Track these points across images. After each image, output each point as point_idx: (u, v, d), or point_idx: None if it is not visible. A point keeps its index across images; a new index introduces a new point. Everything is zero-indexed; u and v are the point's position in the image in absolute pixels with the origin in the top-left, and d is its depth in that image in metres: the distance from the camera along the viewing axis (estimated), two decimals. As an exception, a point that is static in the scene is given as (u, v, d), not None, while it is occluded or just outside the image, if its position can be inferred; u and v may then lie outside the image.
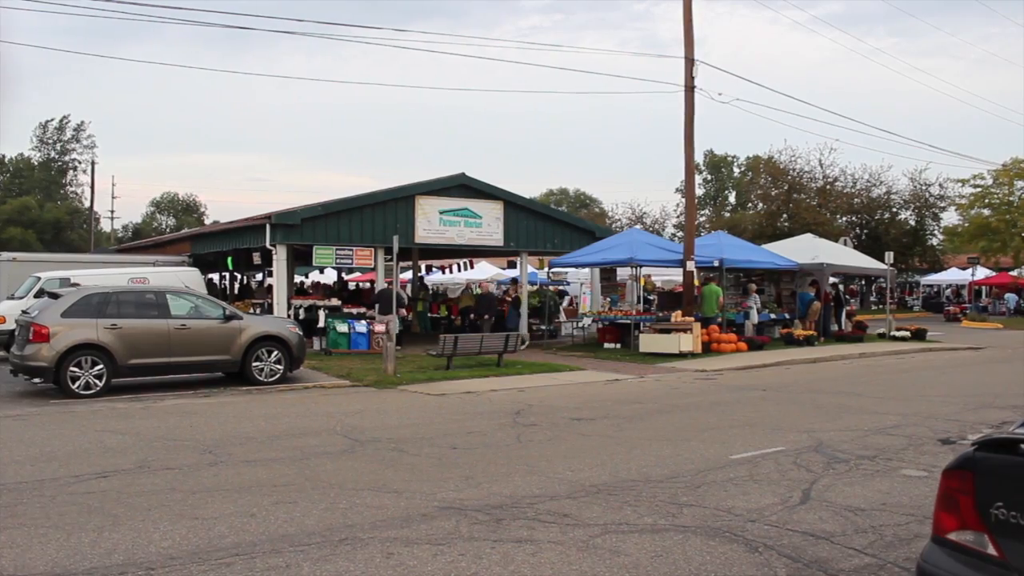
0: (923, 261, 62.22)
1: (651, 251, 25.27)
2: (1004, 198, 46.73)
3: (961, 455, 3.89)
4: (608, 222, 64.23)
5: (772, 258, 27.72)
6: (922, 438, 10.96)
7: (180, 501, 7.72)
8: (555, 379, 18.00)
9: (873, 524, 7.04)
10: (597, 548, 6.40)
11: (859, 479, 8.68)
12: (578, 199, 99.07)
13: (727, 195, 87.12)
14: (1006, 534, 3.57)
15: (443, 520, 7.12)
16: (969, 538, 3.73)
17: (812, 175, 59.40)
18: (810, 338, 26.04)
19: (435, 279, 40.85)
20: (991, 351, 26.63)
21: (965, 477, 3.79)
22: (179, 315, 16.05)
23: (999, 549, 3.59)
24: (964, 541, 3.75)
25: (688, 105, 24.53)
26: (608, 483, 8.42)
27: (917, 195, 59.15)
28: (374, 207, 25.01)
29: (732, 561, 6.10)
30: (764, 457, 9.67)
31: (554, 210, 36.65)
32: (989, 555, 3.63)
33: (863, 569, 5.99)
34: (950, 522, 3.83)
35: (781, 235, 45.40)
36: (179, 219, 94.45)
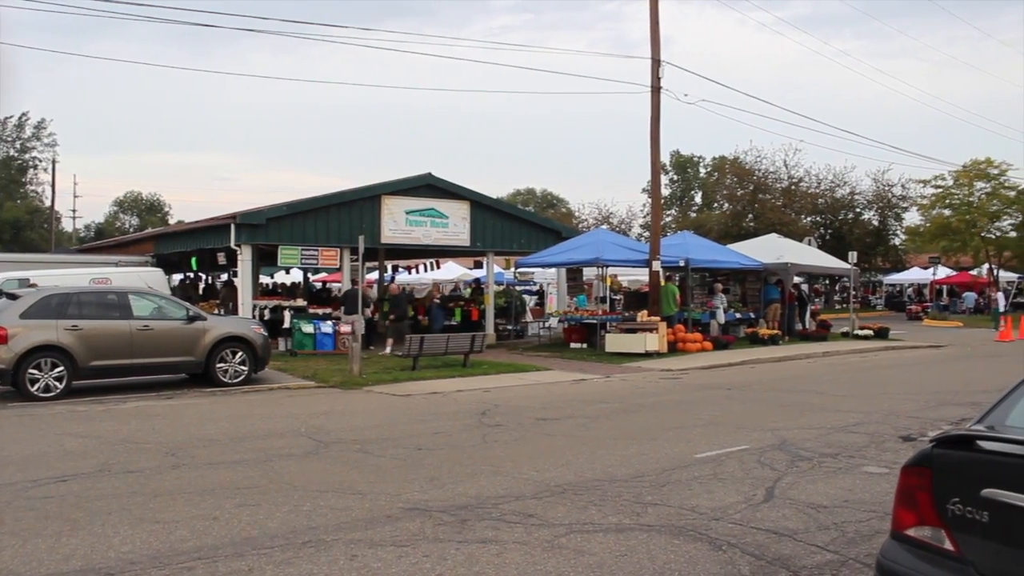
0: (886, 260, 62.99)
1: (617, 251, 25.39)
2: (964, 199, 47.34)
3: (919, 452, 3.93)
4: (575, 222, 64.35)
5: (737, 258, 27.93)
6: (884, 435, 11.07)
7: (141, 505, 7.63)
8: (521, 379, 18.00)
9: (835, 521, 7.10)
10: (562, 548, 6.39)
11: (822, 476, 8.75)
12: (545, 199, 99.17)
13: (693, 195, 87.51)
14: (962, 529, 3.60)
15: (408, 521, 7.09)
16: (927, 534, 3.77)
17: (777, 175, 59.98)
18: (774, 337, 26.25)
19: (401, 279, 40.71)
20: (951, 349, 26.99)
21: (923, 474, 3.83)
22: (142, 316, 15.88)
23: (956, 544, 3.63)
24: (922, 537, 3.79)
25: (654, 106, 24.63)
26: (573, 483, 8.43)
27: (880, 195, 59.87)
28: (340, 207, 24.89)
29: (696, 559, 6.13)
30: (728, 456, 9.72)
31: (521, 210, 36.71)
32: (946, 550, 3.67)
33: (825, 566, 6.04)
34: (908, 518, 3.87)
35: (746, 235, 45.73)
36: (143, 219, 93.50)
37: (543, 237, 28.50)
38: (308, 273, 37.26)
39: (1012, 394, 4.26)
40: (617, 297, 30.76)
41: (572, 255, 25.59)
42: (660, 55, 24.63)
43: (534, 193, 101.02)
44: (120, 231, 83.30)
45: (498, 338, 27.57)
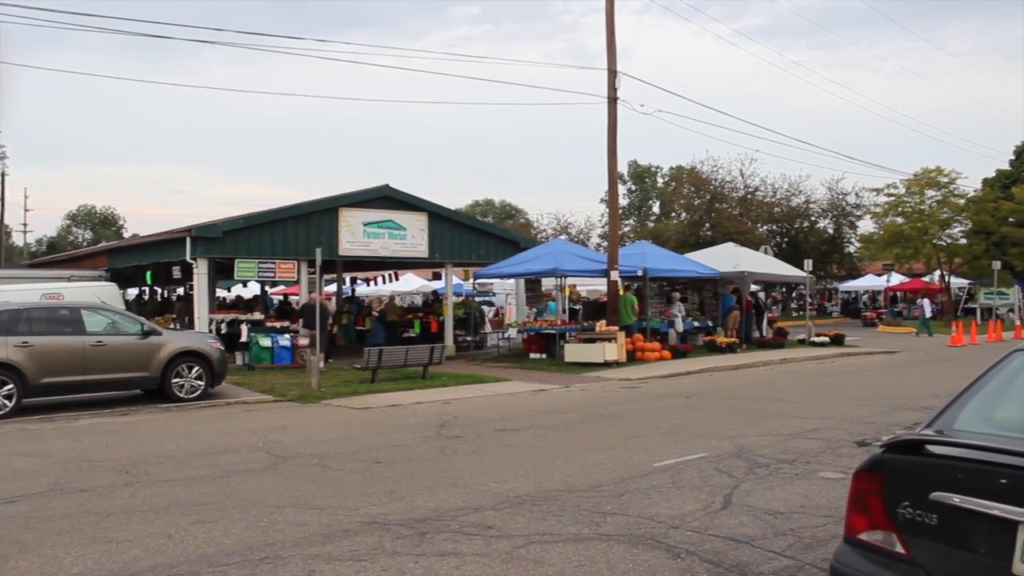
0: (841, 268, 63.83)
1: (575, 261, 25.48)
2: (916, 206, 48.10)
3: (870, 458, 3.98)
4: (534, 233, 64.52)
5: (695, 267, 28.14)
6: (839, 441, 11.20)
7: (93, 524, 7.50)
8: (480, 390, 17.98)
9: (792, 527, 7.16)
10: (521, 559, 6.39)
11: (779, 483, 8.82)
12: (504, 210, 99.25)
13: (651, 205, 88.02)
14: (913, 532, 3.65)
15: (366, 535, 7.04)
16: (879, 538, 3.81)
17: (733, 185, 60.60)
18: (732, 345, 26.45)
19: (360, 291, 40.53)
20: (905, 355, 27.39)
21: (874, 479, 3.87)
22: (95, 331, 15.63)
23: (906, 547, 3.68)
24: (874, 541, 3.83)
25: (611, 116, 24.76)
26: (532, 494, 8.43)
27: (834, 204, 60.69)
28: (297, 219, 24.74)
29: (655, 568, 6.14)
30: (687, 464, 9.77)
31: (479, 221, 36.72)
32: (898, 553, 3.71)
33: (782, 571, 6.08)
34: (861, 523, 3.91)
35: (704, 244, 46.13)
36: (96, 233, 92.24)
37: (501, 248, 28.53)
38: (266, 286, 36.96)
39: (960, 398, 4.33)
40: (576, 307, 30.85)
41: (530, 266, 25.64)
42: (616, 66, 24.78)
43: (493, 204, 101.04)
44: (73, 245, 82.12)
45: (457, 349, 27.52)
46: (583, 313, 28.79)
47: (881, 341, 33.54)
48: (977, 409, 4.26)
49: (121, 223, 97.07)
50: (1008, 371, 4.47)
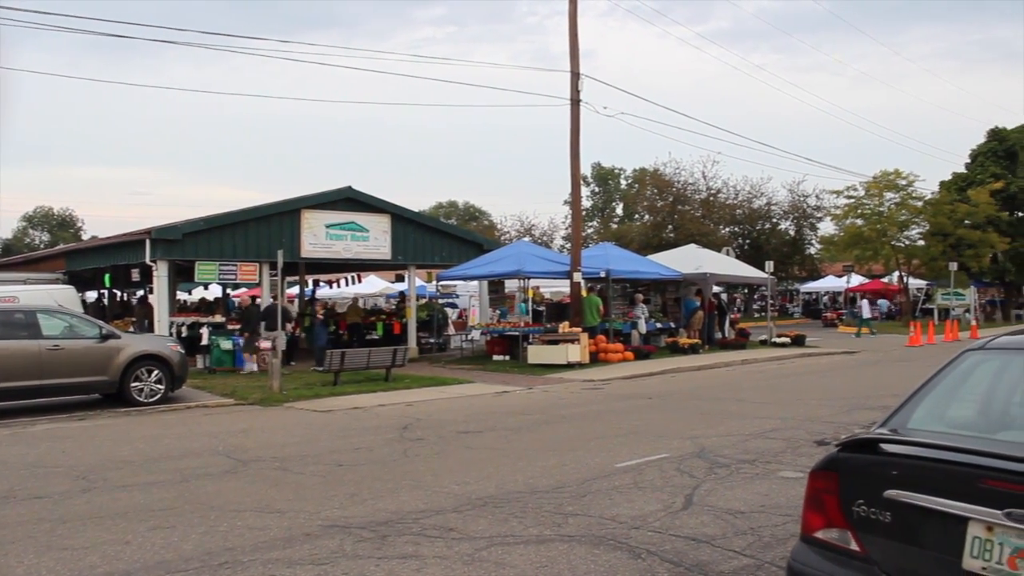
0: (802, 269, 64.46)
1: (539, 263, 25.52)
2: (875, 208, 48.64)
3: (825, 457, 4.03)
4: (497, 234, 64.54)
5: (657, 268, 28.29)
6: (799, 440, 11.31)
7: (48, 531, 7.39)
8: (443, 392, 17.95)
9: (752, 526, 7.22)
10: (483, 561, 6.38)
11: (739, 483, 8.89)
12: (467, 212, 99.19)
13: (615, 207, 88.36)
14: (867, 530, 3.70)
15: (327, 539, 7.00)
16: (835, 536, 3.86)
17: (696, 187, 60.98)
18: (695, 346, 26.62)
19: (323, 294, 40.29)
20: (864, 355, 27.71)
21: (830, 477, 3.92)
22: (51, 335, 15.40)
23: (861, 544, 3.73)
24: (830, 539, 3.88)
25: (574, 118, 24.84)
26: (494, 495, 8.43)
27: (795, 206, 61.31)
28: (259, 221, 24.57)
29: (616, 568, 6.17)
30: (648, 464, 9.82)
31: (442, 223, 36.67)
32: (853, 551, 3.76)
33: (742, 570, 6.13)
34: (817, 521, 3.96)
35: (667, 245, 46.37)
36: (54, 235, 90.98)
37: (465, 250, 28.50)
38: (228, 289, 36.64)
39: (913, 398, 4.39)
40: (540, 308, 30.91)
41: (494, 267, 25.65)
42: (579, 68, 24.86)
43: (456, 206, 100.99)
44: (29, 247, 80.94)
45: (421, 351, 27.46)
46: (546, 314, 28.86)
47: (841, 342, 33.92)
48: (930, 408, 4.33)
49: (80, 225, 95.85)
50: (960, 371, 4.54)
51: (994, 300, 56.78)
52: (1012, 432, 4.23)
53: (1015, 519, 3.22)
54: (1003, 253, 50.19)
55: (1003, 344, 4.77)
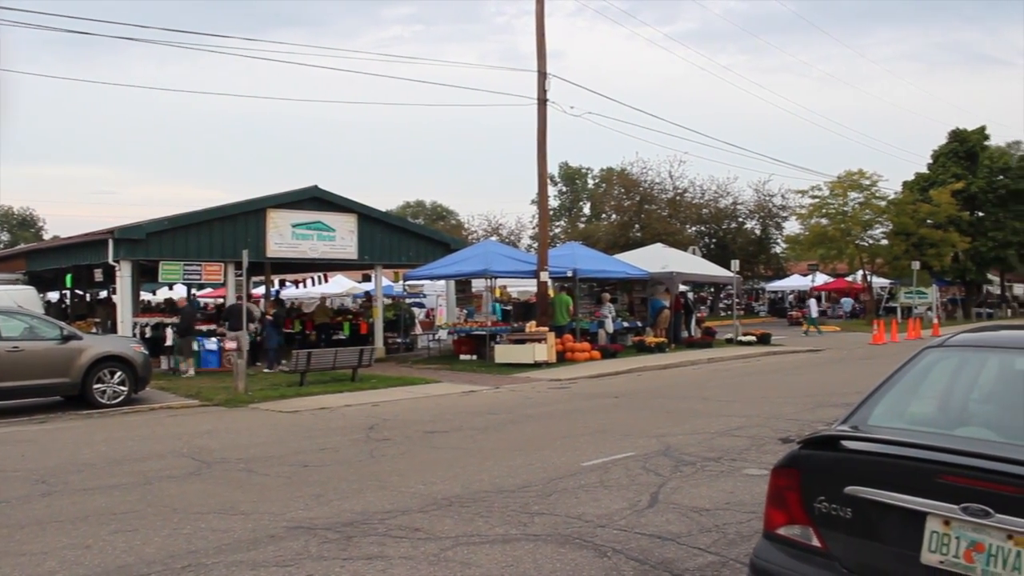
0: (768, 268, 65.02)
1: (506, 262, 25.52)
2: (839, 208, 49.12)
3: (787, 454, 4.06)
4: (465, 234, 64.45)
5: (624, 268, 28.38)
6: (764, 438, 11.39)
7: (6, 537, 7.27)
8: (410, 392, 17.90)
9: (717, 523, 7.26)
10: (448, 561, 6.37)
11: (705, 480, 8.94)
12: (435, 211, 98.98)
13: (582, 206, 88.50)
14: (829, 526, 3.73)
15: (292, 540, 6.96)
16: (796, 532, 3.88)
17: (663, 187, 61.29)
18: (661, 345, 26.73)
19: (289, 294, 40.06)
20: (829, 352, 27.99)
21: (791, 475, 3.95)
22: (11, 336, 15.16)
23: (823, 541, 3.76)
24: (792, 535, 3.90)
25: (541, 118, 24.86)
26: (460, 495, 8.42)
27: (761, 205, 61.83)
28: (224, 221, 24.34)
29: (582, 567, 6.18)
30: (614, 463, 9.84)
31: (408, 222, 36.59)
32: (814, 547, 3.79)
33: (707, 567, 6.16)
34: (779, 518, 3.98)
35: (633, 245, 46.55)
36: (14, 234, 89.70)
37: (432, 249, 28.43)
38: (193, 289, 36.33)
39: (874, 395, 4.44)
40: (507, 308, 30.92)
41: (461, 267, 25.62)
42: (546, 68, 24.88)
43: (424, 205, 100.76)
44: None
45: (388, 351, 27.36)
46: (513, 314, 28.88)
47: (806, 340, 34.23)
48: (890, 405, 4.38)
49: (41, 224, 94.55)
50: (920, 368, 4.60)
51: (955, 298, 57.51)
52: (970, 428, 4.28)
53: (971, 513, 3.26)
54: (964, 252, 50.94)
55: (962, 341, 4.83)
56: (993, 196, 52.46)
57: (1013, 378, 4.60)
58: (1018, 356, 4.67)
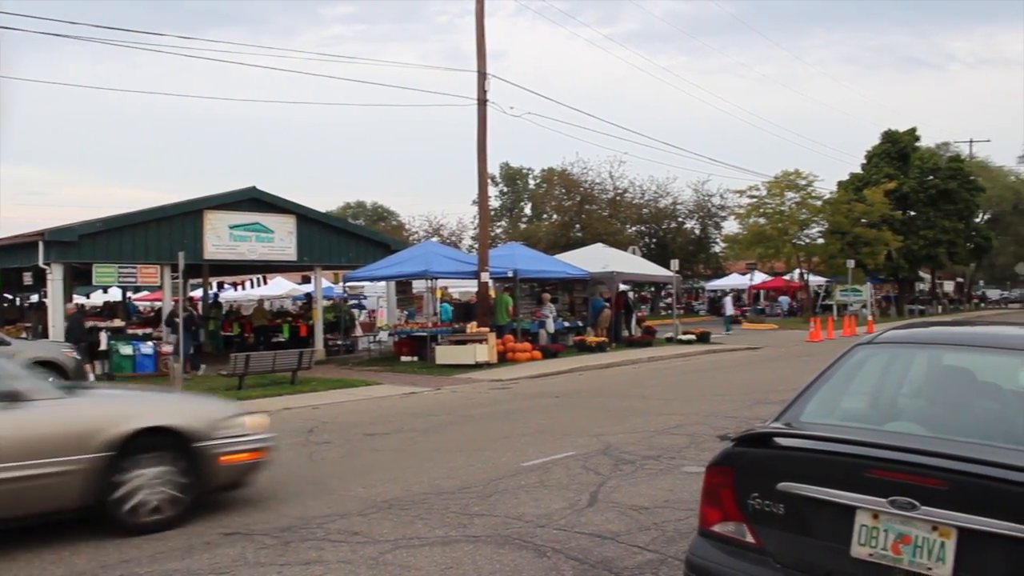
0: (707, 267, 65.77)
1: (446, 263, 25.48)
2: (776, 208, 49.77)
3: (721, 452, 4.10)
4: (406, 235, 64.15)
5: (565, 268, 28.50)
6: (702, 436, 11.50)
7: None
8: (351, 394, 17.76)
9: (656, 521, 7.31)
10: (387, 564, 6.33)
11: (644, 478, 9.00)
12: (376, 212, 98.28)
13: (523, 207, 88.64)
14: (762, 522, 3.78)
15: (228, 547, 6.85)
16: (731, 529, 3.92)
17: (603, 187, 61.61)
18: (602, 344, 26.87)
19: (228, 296, 39.59)
20: (767, 350, 28.37)
21: (725, 472, 3.99)
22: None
23: (756, 537, 3.80)
24: (727, 532, 3.94)
25: (481, 118, 24.84)
26: (400, 498, 8.37)
27: (700, 205, 62.47)
28: (160, 222, 23.91)
29: (521, 567, 6.18)
30: (554, 463, 9.86)
31: (348, 223, 36.29)
32: (748, 543, 3.83)
33: (646, 565, 6.20)
34: (714, 515, 4.02)
35: (574, 245, 46.74)
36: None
37: (372, 250, 28.26)
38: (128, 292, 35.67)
39: (806, 392, 4.51)
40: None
41: (401, 268, 25.51)
42: (486, 68, 24.87)
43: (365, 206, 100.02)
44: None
45: (328, 353, 27.12)
46: (454, 314, 28.83)
47: (745, 338, 34.65)
48: (822, 402, 4.45)
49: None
50: (850, 365, 4.68)
51: (889, 296, 58.75)
52: (899, 423, 4.37)
53: (898, 507, 3.32)
54: (897, 250, 52.01)
55: (891, 338, 4.93)
56: (924, 196, 53.76)
57: (941, 373, 4.71)
58: (946, 352, 4.78)
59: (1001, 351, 4.61)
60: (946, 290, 71.02)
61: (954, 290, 74.34)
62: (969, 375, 4.50)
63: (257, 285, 38.35)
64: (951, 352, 4.75)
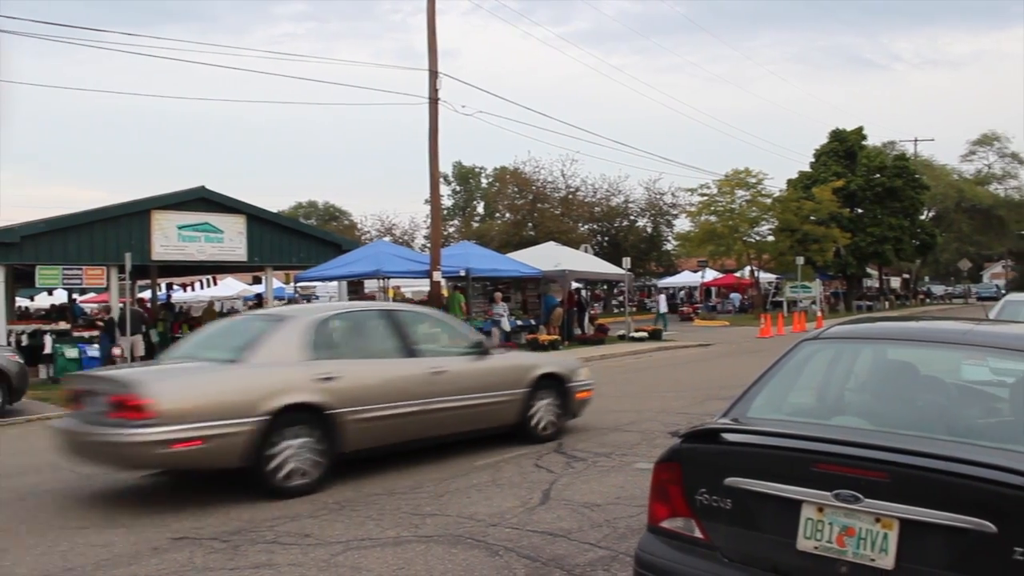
0: (659, 265, 66.21)
1: (398, 263, 25.38)
2: (727, 206, 50.24)
3: (669, 448, 4.12)
4: (358, 234, 63.83)
5: (517, 266, 28.53)
6: (654, 432, 11.55)
7: None
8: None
9: (608, 518, 7.33)
10: (339, 566, 6.28)
11: (596, 476, 9.02)
12: (327, 212, 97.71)
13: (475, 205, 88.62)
14: (709, 517, 3.80)
15: (176, 552, 6.75)
16: (679, 524, 3.94)
17: (555, 185, 61.74)
18: (554, 342, 26.90)
19: (177, 297, 39.06)
20: (719, 347, 28.63)
21: (673, 468, 4.01)
22: None
23: (704, 532, 3.83)
24: (675, 528, 3.96)
25: (432, 117, 24.73)
26: (351, 498, 8.31)
27: (652, 203, 62.87)
28: (106, 223, 23.50)
29: (473, 567, 6.16)
30: (507, 461, 9.86)
31: (300, 223, 36.06)
32: (696, 538, 3.86)
33: (597, 562, 6.21)
34: (662, 511, 4.04)
35: (527, 243, 46.78)
36: None
37: (323, 250, 28.03)
38: (74, 294, 35.06)
39: (753, 387, 4.55)
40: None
41: (352, 268, 25.35)
42: (437, 67, 24.76)
43: (316, 206, 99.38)
44: None
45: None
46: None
47: (697, 335, 34.92)
48: (769, 397, 4.49)
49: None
50: (796, 360, 4.73)
51: (837, 292, 59.61)
52: (844, 417, 4.43)
53: (843, 499, 3.36)
54: (845, 247, 52.81)
55: (836, 334, 5.00)
56: (871, 193, 54.69)
57: (885, 368, 4.79)
58: (890, 347, 4.86)
59: (943, 346, 4.69)
60: (893, 286, 72.25)
61: (901, 286, 75.61)
62: (912, 369, 4.57)
63: (207, 286, 37.88)
64: (895, 347, 4.83)
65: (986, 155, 76.43)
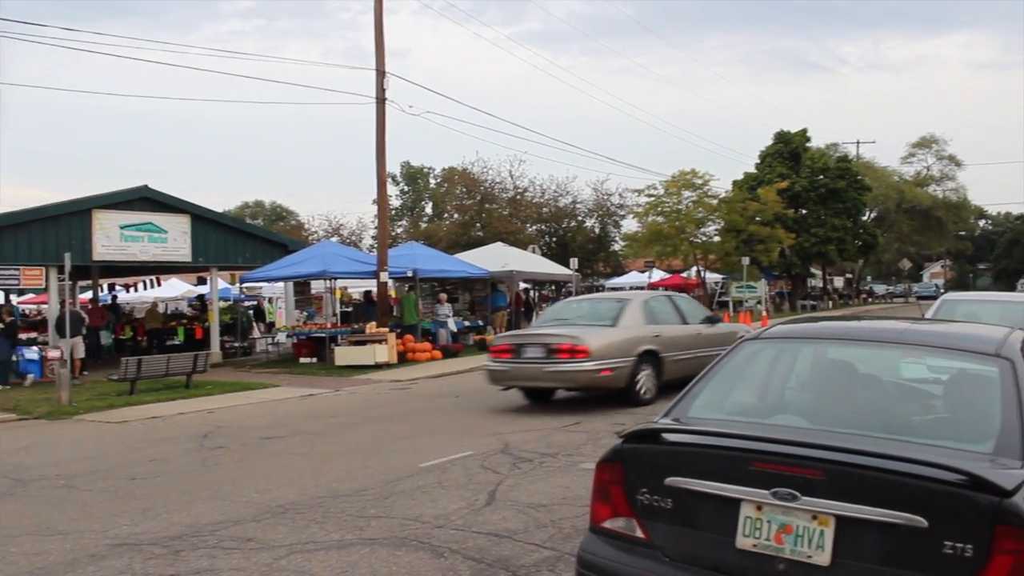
0: (607, 266, 66.43)
1: (345, 263, 25.22)
2: (673, 206, 50.50)
3: (611, 448, 4.12)
4: (305, 235, 63.22)
5: (465, 267, 28.51)
6: (601, 432, 11.58)
7: None
8: (247, 398, 17.41)
9: (553, 518, 7.33)
10: (282, 570, 6.21)
11: (542, 476, 9.02)
12: (274, 212, 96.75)
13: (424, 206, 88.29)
14: (650, 516, 3.81)
15: (114, 559, 6.63)
16: (621, 524, 3.94)
17: (503, 186, 61.74)
18: (502, 343, 26.89)
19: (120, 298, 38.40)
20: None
21: (615, 468, 4.02)
22: None
23: (646, 531, 3.83)
24: (617, 528, 3.96)
25: (380, 117, 24.64)
26: (296, 502, 8.22)
27: (600, 204, 63.07)
28: (44, 222, 23.05)
29: (417, 569, 6.12)
30: (453, 463, 9.82)
31: (245, 223, 35.69)
32: (638, 538, 3.86)
33: (543, 562, 6.21)
34: (604, 511, 4.04)
35: (475, 244, 46.72)
36: None
37: (269, 251, 27.79)
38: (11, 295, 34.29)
39: (695, 387, 4.58)
40: (347, 309, 30.54)
41: (299, 268, 25.14)
42: (385, 66, 24.67)
43: (263, 206, 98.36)
44: None
45: (225, 356, 26.58)
46: (354, 315, 28.56)
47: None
48: (710, 397, 4.52)
49: None
50: (738, 360, 4.77)
51: (783, 292, 60.41)
52: (784, 416, 4.47)
53: (780, 498, 3.39)
54: (789, 248, 53.47)
55: (777, 333, 5.05)
56: (815, 194, 55.48)
57: (825, 367, 4.85)
58: (830, 346, 4.92)
59: (882, 344, 4.76)
60: (836, 286, 73.38)
61: (844, 286, 76.83)
62: (851, 368, 4.63)
63: (151, 287, 37.32)
64: (835, 346, 4.89)
65: (925, 157, 77.86)
